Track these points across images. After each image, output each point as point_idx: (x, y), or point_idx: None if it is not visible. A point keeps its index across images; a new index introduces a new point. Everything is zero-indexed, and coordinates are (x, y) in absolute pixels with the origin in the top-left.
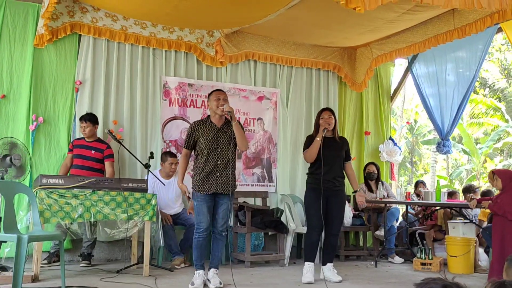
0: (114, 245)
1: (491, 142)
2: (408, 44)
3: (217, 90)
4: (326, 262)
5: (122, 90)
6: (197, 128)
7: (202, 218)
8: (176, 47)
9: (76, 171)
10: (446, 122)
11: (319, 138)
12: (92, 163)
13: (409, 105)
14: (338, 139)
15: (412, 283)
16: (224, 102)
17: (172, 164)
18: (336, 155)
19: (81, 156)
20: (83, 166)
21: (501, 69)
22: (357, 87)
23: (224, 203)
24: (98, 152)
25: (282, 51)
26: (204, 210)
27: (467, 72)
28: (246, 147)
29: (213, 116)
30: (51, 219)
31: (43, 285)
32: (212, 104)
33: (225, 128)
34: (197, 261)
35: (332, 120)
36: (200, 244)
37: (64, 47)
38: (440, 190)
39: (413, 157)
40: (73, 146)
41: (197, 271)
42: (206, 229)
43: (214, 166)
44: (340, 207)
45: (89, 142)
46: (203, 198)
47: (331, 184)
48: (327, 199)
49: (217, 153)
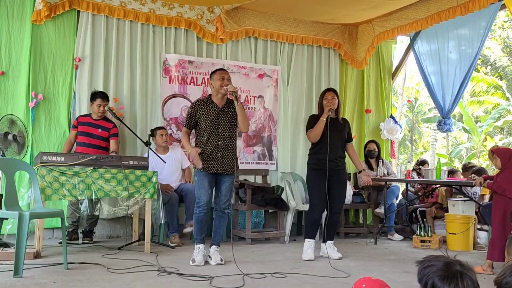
0: (115, 222)
1: (491, 120)
2: (410, 21)
3: (220, 69)
4: (327, 240)
5: (121, 68)
6: (198, 108)
7: (203, 192)
8: (176, 24)
9: (82, 149)
10: (448, 100)
11: (324, 118)
12: (98, 142)
13: (410, 83)
14: (341, 120)
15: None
16: (228, 82)
17: (162, 135)
18: (339, 136)
19: (88, 134)
20: (89, 144)
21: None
22: (358, 65)
23: (226, 181)
24: (104, 131)
25: (283, 28)
26: (205, 184)
27: (470, 49)
28: (247, 128)
29: (215, 96)
30: (52, 196)
31: (45, 261)
32: (215, 83)
33: (227, 108)
34: (197, 235)
35: (336, 100)
36: (200, 219)
37: (63, 24)
38: (441, 168)
39: (413, 135)
40: (78, 123)
41: (197, 245)
42: (206, 203)
43: (215, 147)
44: (342, 186)
45: (96, 120)
46: (205, 174)
47: (333, 164)
48: (329, 178)
49: (218, 134)
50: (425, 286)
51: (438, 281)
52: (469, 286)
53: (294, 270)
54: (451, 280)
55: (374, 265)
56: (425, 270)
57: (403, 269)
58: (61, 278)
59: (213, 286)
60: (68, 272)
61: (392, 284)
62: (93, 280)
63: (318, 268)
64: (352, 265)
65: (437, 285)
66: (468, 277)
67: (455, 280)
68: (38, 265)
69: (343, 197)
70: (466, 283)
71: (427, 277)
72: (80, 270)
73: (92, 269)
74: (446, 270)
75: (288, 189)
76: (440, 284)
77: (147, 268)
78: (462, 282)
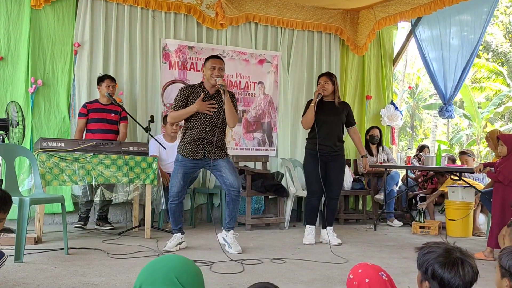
0: (115, 208)
1: (492, 107)
2: (413, 6)
3: (213, 57)
4: (326, 226)
5: (121, 53)
6: (189, 92)
7: (174, 182)
8: (176, 9)
9: (99, 135)
10: (449, 86)
11: (313, 104)
12: (112, 126)
13: (411, 69)
14: (337, 104)
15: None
16: (218, 73)
17: (173, 125)
18: (335, 120)
19: (102, 120)
20: (105, 130)
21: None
22: (359, 51)
23: (223, 165)
24: (116, 115)
25: (283, 13)
26: (178, 175)
27: (471, 35)
28: (234, 124)
29: (206, 83)
30: (52, 182)
31: (46, 246)
32: (206, 72)
33: (217, 96)
34: (172, 225)
35: (329, 85)
36: (173, 210)
37: (62, 8)
38: (441, 155)
39: (414, 121)
40: (88, 110)
41: (174, 235)
42: (176, 194)
43: (202, 133)
44: (339, 171)
45: (106, 105)
46: (183, 163)
47: (330, 149)
48: (326, 164)
49: (206, 120)
50: (425, 272)
51: (439, 268)
52: (469, 273)
53: (293, 255)
54: (452, 267)
55: (373, 251)
56: (425, 257)
57: (402, 255)
58: (62, 263)
59: (213, 271)
60: (68, 257)
61: (391, 270)
62: (93, 265)
63: (317, 253)
64: (351, 251)
65: (437, 272)
66: (468, 263)
67: (455, 266)
68: (39, 250)
69: (340, 183)
70: (466, 269)
71: (427, 264)
72: (80, 255)
73: (92, 254)
74: (446, 257)
75: (288, 175)
76: (441, 270)
77: (147, 253)
78: (463, 269)
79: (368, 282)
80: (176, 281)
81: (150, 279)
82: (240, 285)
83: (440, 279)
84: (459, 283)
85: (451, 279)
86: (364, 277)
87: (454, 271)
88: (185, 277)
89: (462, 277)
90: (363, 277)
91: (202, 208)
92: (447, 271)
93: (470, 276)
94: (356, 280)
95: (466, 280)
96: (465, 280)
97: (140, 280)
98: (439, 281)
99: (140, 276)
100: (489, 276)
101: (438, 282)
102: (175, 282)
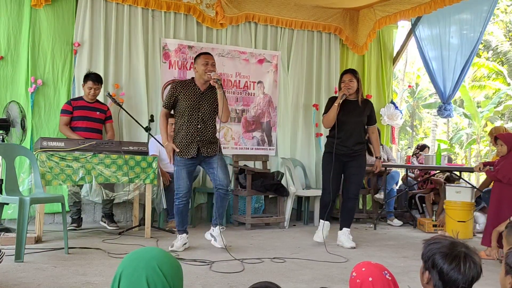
0: (115, 208)
1: (492, 106)
2: (413, 6)
3: (205, 53)
4: (343, 227)
5: (121, 53)
6: (179, 89)
7: (181, 183)
8: (175, 9)
9: (83, 133)
10: (448, 85)
11: (337, 104)
12: (97, 125)
13: (411, 69)
14: (360, 102)
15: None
16: (212, 68)
17: (172, 125)
18: (356, 120)
19: (86, 118)
20: (89, 128)
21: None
22: (359, 50)
23: (214, 162)
24: (102, 113)
25: (283, 13)
26: (183, 175)
27: (471, 34)
28: (227, 118)
29: (198, 80)
30: (53, 182)
31: (46, 246)
32: (199, 68)
33: (209, 93)
34: (178, 226)
35: (354, 83)
36: (180, 211)
37: (62, 8)
38: (441, 154)
39: (414, 120)
40: (73, 108)
41: (180, 235)
42: (185, 194)
43: (194, 130)
44: (358, 171)
45: (91, 103)
46: (183, 163)
47: (350, 151)
48: (344, 164)
49: (198, 117)
50: (426, 261)
51: (440, 258)
52: (471, 269)
53: (293, 255)
54: (453, 259)
55: (373, 250)
56: (429, 246)
57: (402, 254)
58: (62, 262)
59: (213, 271)
60: (68, 257)
61: (391, 269)
62: (93, 265)
63: (317, 253)
64: (351, 250)
65: (437, 262)
66: (471, 259)
67: (457, 259)
68: (39, 250)
69: (357, 182)
70: (468, 265)
71: (430, 252)
72: (80, 255)
73: (92, 254)
74: (450, 249)
75: (288, 174)
76: (441, 261)
77: None
78: (464, 263)
79: (371, 281)
80: (158, 268)
81: (132, 266)
82: (240, 284)
83: (440, 270)
84: (458, 277)
85: (450, 271)
86: (367, 276)
87: (455, 263)
88: (166, 266)
89: (462, 271)
90: (367, 275)
91: (202, 208)
92: (447, 263)
93: (472, 273)
94: (360, 278)
95: (467, 275)
96: (465, 275)
97: (121, 267)
98: (438, 270)
99: (122, 264)
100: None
101: (438, 272)
102: (156, 270)
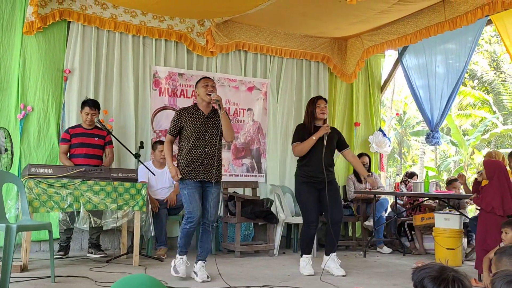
0: (103, 235)
1: (478, 134)
2: (399, 36)
3: (205, 77)
4: (329, 252)
5: (111, 80)
6: (183, 115)
7: (195, 207)
8: (166, 36)
9: (83, 160)
10: (436, 113)
11: (315, 138)
12: (96, 151)
13: (399, 97)
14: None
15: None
16: (212, 89)
17: (162, 151)
18: (328, 147)
19: (85, 145)
20: (89, 154)
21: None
22: (347, 78)
23: (213, 192)
24: (100, 139)
25: (272, 42)
26: (196, 198)
27: (457, 63)
28: (232, 137)
29: (201, 103)
30: (40, 209)
31: (32, 274)
32: (200, 91)
33: (213, 116)
34: (182, 248)
35: (327, 109)
36: (190, 234)
37: (53, 35)
38: (429, 181)
39: (402, 148)
40: (71, 136)
41: (181, 257)
42: (198, 218)
43: (201, 153)
44: (337, 193)
45: (89, 129)
46: (194, 185)
47: (323, 176)
48: (320, 191)
49: (205, 140)
50: (416, 286)
51: (428, 282)
52: None
53: (283, 283)
54: (441, 282)
55: (363, 278)
56: (419, 272)
57: (392, 282)
58: None
59: None
60: (55, 286)
61: None
62: None
63: (307, 281)
64: (341, 278)
65: (426, 286)
66: (460, 281)
67: (445, 282)
68: (25, 279)
69: (339, 206)
70: (457, 286)
71: (420, 277)
72: (67, 284)
73: (79, 282)
74: (439, 272)
75: (277, 201)
76: (430, 285)
77: None
78: (453, 286)
79: None
80: None
81: None
82: None
83: None
84: None
85: None
86: None
87: (443, 286)
88: None
89: None
90: None
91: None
92: (436, 285)
93: None
94: None
95: None
96: None
97: None
98: None
99: None
100: None
101: None
102: None
